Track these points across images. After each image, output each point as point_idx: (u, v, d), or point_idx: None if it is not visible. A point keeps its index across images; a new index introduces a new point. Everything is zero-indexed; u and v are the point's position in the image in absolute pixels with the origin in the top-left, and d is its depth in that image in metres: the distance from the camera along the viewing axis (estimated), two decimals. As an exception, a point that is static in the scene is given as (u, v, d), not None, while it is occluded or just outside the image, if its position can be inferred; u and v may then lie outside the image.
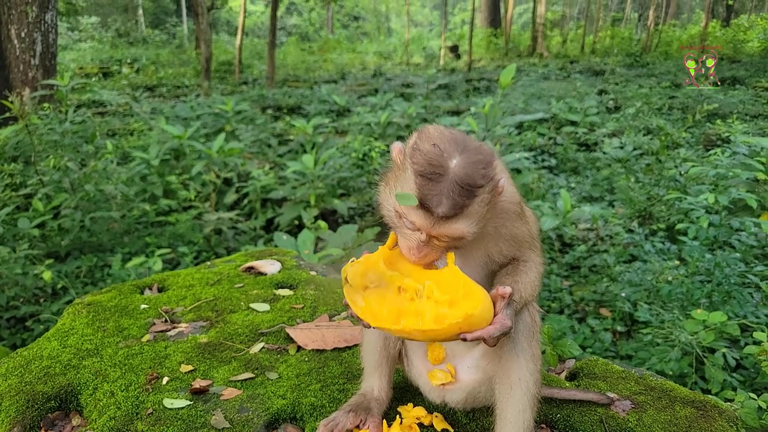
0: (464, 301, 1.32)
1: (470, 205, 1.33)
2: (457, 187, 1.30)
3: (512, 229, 1.55)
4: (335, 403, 1.82)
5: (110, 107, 13.87)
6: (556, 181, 8.36)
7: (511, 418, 1.51)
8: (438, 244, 1.41)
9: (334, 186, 8.10)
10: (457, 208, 1.31)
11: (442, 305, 1.33)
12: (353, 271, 1.42)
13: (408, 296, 1.38)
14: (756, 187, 6.04)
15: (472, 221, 1.35)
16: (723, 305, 4.22)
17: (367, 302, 1.39)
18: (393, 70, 25.31)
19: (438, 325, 1.30)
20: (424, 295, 1.37)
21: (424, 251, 1.41)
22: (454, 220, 1.33)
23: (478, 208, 1.35)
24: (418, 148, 1.36)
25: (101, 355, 2.09)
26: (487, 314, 1.33)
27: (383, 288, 1.40)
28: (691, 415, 1.74)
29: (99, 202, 6.21)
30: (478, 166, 1.34)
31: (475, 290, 1.35)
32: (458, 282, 1.36)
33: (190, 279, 2.75)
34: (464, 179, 1.31)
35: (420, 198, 1.32)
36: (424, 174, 1.32)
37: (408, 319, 1.34)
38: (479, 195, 1.33)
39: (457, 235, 1.36)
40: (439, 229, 1.35)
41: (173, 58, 26.83)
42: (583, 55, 27.07)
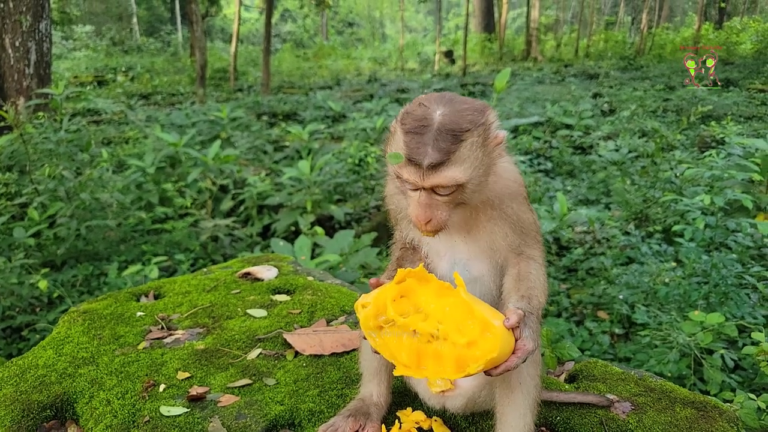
0: (483, 341, 1.28)
1: (457, 150, 1.33)
2: (441, 134, 1.32)
3: (518, 211, 1.54)
4: (333, 408, 1.80)
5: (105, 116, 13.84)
6: (552, 185, 8.37)
7: (512, 421, 1.50)
8: (440, 199, 1.39)
9: (331, 192, 8.09)
10: (443, 153, 1.32)
11: (461, 347, 1.29)
12: (365, 314, 1.39)
13: (424, 339, 1.34)
14: (751, 188, 6.06)
15: (464, 167, 1.34)
16: (720, 306, 4.22)
17: (383, 341, 1.37)
18: (388, 75, 25.37)
19: (461, 373, 1.28)
20: (440, 336, 1.33)
21: (428, 211, 1.39)
22: (443, 167, 1.33)
23: (469, 152, 1.35)
24: (407, 111, 1.40)
25: (97, 363, 2.07)
26: (507, 347, 1.29)
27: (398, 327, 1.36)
28: (691, 416, 1.73)
29: (95, 210, 6.18)
30: (464, 113, 1.36)
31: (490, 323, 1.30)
32: (472, 318, 1.31)
33: (187, 286, 2.74)
34: (448, 125, 1.33)
35: (408, 153, 1.34)
36: (410, 131, 1.35)
37: (429, 364, 1.32)
38: (467, 139, 1.34)
39: (450, 182, 1.35)
40: (431, 179, 1.34)
41: (168, 66, 26.84)
42: (577, 59, 27.19)
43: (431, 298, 1.39)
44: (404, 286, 1.41)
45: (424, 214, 1.39)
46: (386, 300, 1.39)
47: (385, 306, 1.38)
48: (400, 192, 1.48)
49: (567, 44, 31.80)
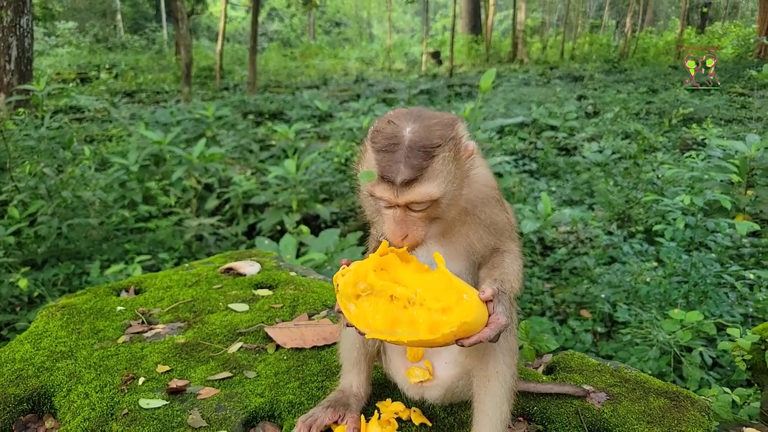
0: (458, 307, 1.30)
1: (429, 166, 1.34)
2: (413, 151, 1.33)
3: (492, 215, 1.56)
4: (314, 400, 1.81)
5: (88, 113, 13.69)
6: (537, 185, 8.44)
7: (489, 410, 1.52)
8: (415, 215, 1.40)
9: (317, 191, 8.08)
10: (415, 170, 1.33)
11: (436, 312, 1.31)
12: (344, 281, 1.40)
13: (401, 304, 1.35)
14: (730, 189, 6.16)
15: (437, 182, 1.36)
16: (699, 305, 4.29)
17: (359, 310, 1.37)
18: (375, 75, 25.39)
19: (433, 335, 1.28)
20: (416, 302, 1.34)
21: (404, 228, 1.40)
22: (416, 184, 1.34)
23: (442, 167, 1.36)
24: (376, 129, 1.41)
25: (76, 357, 2.06)
26: (481, 318, 1.32)
27: (375, 296, 1.37)
28: (664, 406, 1.77)
29: (77, 208, 6.11)
30: (434, 129, 1.37)
31: (468, 292, 1.33)
32: (450, 287, 1.34)
33: (168, 281, 2.73)
34: (418, 142, 1.34)
35: (380, 171, 1.35)
36: (381, 149, 1.36)
37: (403, 327, 1.32)
38: (438, 154, 1.35)
39: (424, 197, 1.36)
40: (406, 196, 1.35)
41: (153, 64, 26.61)
42: (562, 61, 27.43)
43: (411, 273, 1.40)
44: (385, 260, 1.42)
45: (399, 231, 1.41)
46: (367, 269, 1.39)
47: (366, 274, 1.38)
48: (373, 209, 1.49)
49: (553, 47, 32.08)
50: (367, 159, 1.42)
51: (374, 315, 1.35)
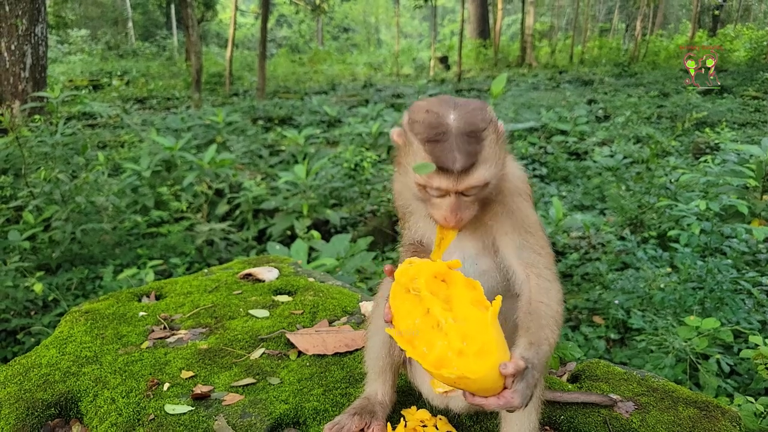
0: (473, 358, 1.22)
1: (482, 150, 1.37)
2: (464, 137, 1.35)
3: (523, 209, 1.55)
4: (338, 407, 1.81)
5: (101, 119, 13.81)
6: (548, 190, 8.42)
7: (517, 420, 1.50)
8: (467, 199, 1.42)
9: (326, 196, 8.10)
10: (472, 156, 1.35)
11: (452, 350, 1.24)
12: (403, 270, 1.39)
13: (431, 323, 1.31)
14: (746, 194, 6.12)
15: (489, 164, 1.39)
16: (716, 312, 4.24)
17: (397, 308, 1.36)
18: (383, 81, 25.44)
19: (435, 370, 1.24)
20: (443, 329, 1.28)
21: (458, 213, 1.41)
22: (474, 170, 1.36)
23: (490, 150, 1.39)
24: (415, 120, 1.41)
25: (101, 362, 2.07)
26: (491, 383, 1.22)
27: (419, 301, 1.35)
28: (694, 416, 1.75)
29: (90, 214, 6.16)
30: (475, 113, 1.39)
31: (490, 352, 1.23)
32: (481, 335, 1.25)
33: (188, 286, 2.74)
34: (468, 128, 1.36)
35: (436, 161, 1.35)
36: (430, 139, 1.36)
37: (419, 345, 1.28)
38: (486, 137, 1.38)
39: (481, 182, 1.38)
40: (465, 183, 1.37)
41: (163, 71, 26.81)
42: (571, 65, 27.37)
43: (465, 299, 1.34)
44: (450, 274, 1.40)
45: (454, 216, 1.41)
46: (429, 271, 1.37)
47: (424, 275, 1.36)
48: (419, 200, 1.49)
49: (562, 51, 32.01)
50: (415, 151, 1.41)
51: (405, 318, 1.33)
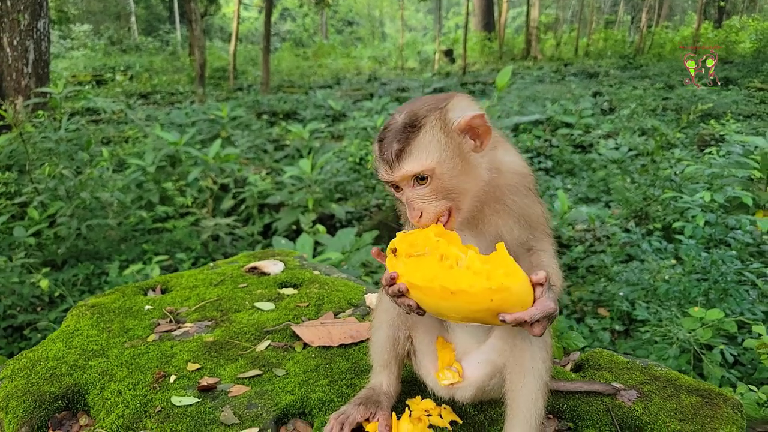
0: (503, 277, 1.27)
1: (416, 137, 1.40)
2: (401, 129, 1.41)
3: (522, 205, 1.55)
4: (343, 398, 1.82)
5: (104, 115, 13.82)
6: (553, 183, 8.40)
7: (523, 406, 1.51)
8: (422, 192, 1.43)
9: (332, 190, 8.11)
10: (401, 143, 1.39)
11: (480, 276, 1.28)
12: (401, 238, 1.42)
13: (448, 264, 1.33)
14: (751, 186, 6.09)
15: (426, 151, 1.40)
16: (720, 303, 4.24)
17: (406, 268, 1.37)
18: (388, 74, 25.39)
19: (469, 288, 1.25)
20: (464, 264, 1.32)
21: (417, 206, 1.43)
22: (405, 156, 1.40)
23: (430, 137, 1.40)
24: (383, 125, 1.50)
25: (107, 356, 2.09)
26: (525, 296, 1.28)
27: (426, 256, 1.37)
28: (696, 403, 1.76)
29: (95, 209, 6.18)
30: (423, 106, 1.44)
31: (516, 271, 1.30)
32: (503, 261, 1.31)
33: (194, 280, 2.76)
34: (405, 119, 1.42)
35: (377, 155, 1.44)
36: (379, 138, 1.45)
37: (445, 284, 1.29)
38: (424, 125, 1.41)
39: (417, 168, 1.39)
40: (399, 172, 1.41)
41: (167, 65, 26.82)
42: (576, 58, 27.23)
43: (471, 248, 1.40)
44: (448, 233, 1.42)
45: (414, 211, 1.44)
46: (429, 233, 1.40)
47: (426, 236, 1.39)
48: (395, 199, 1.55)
49: (567, 43, 31.83)
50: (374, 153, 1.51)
51: (417, 270, 1.34)
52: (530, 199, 1.57)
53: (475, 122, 1.43)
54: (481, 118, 1.43)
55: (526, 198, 1.56)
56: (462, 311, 1.32)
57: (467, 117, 1.43)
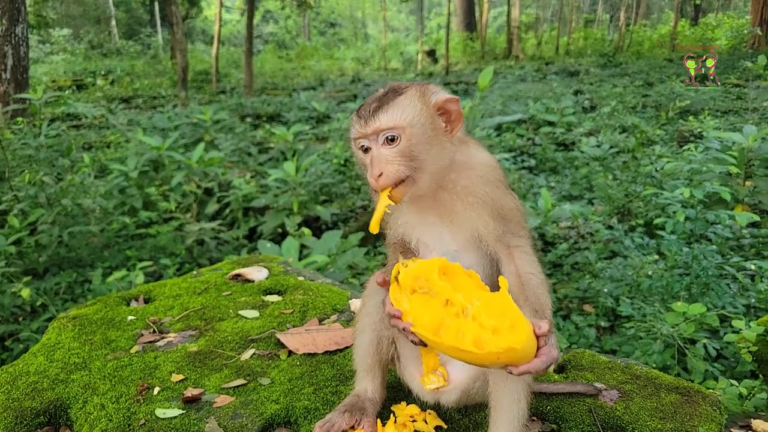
0: (509, 333, 1.27)
1: (393, 99, 1.50)
2: (383, 94, 1.52)
3: (495, 198, 1.57)
4: (329, 405, 1.82)
5: (85, 120, 13.67)
6: (536, 181, 8.46)
7: (507, 407, 1.52)
8: (388, 152, 1.48)
9: (317, 192, 8.09)
10: (380, 102, 1.50)
11: (486, 330, 1.29)
12: (405, 272, 1.41)
13: (454, 311, 1.34)
14: (729, 181, 6.19)
15: (401, 112, 1.48)
16: (702, 297, 4.31)
17: (411, 305, 1.37)
18: (371, 75, 25.40)
19: (478, 349, 1.27)
20: (470, 314, 1.33)
21: (379, 166, 1.47)
22: (381, 112, 1.48)
23: (407, 102, 1.50)
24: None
25: (90, 368, 2.07)
26: (530, 349, 1.29)
27: (431, 296, 1.37)
28: (676, 401, 1.79)
29: (77, 216, 6.11)
30: (403, 83, 1.56)
31: (521, 323, 1.30)
32: (507, 311, 1.31)
33: (177, 289, 2.74)
34: (388, 88, 1.54)
35: (355, 114, 1.53)
36: (361, 105, 1.55)
37: (448, 333, 1.31)
38: (404, 93, 1.51)
39: (389, 123, 1.47)
40: (374, 124, 1.48)
41: (149, 69, 26.57)
42: (557, 57, 27.45)
43: (472, 287, 1.41)
44: (450, 266, 1.43)
45: (375, 169, 1.48)
46: (432, 268, 1.40)
47: (430, 272, 1.39)
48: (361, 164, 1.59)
49: (547, 42, 32.09)
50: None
51: (424, 314, 1.35)
52: (502, 191, 1.59)
53: (450, 105, 1.53)
54: (456, 102, 1.54)
55: (498, 189, 1.58)
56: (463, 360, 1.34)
57: (444, 96, 1.54)
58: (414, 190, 1.50)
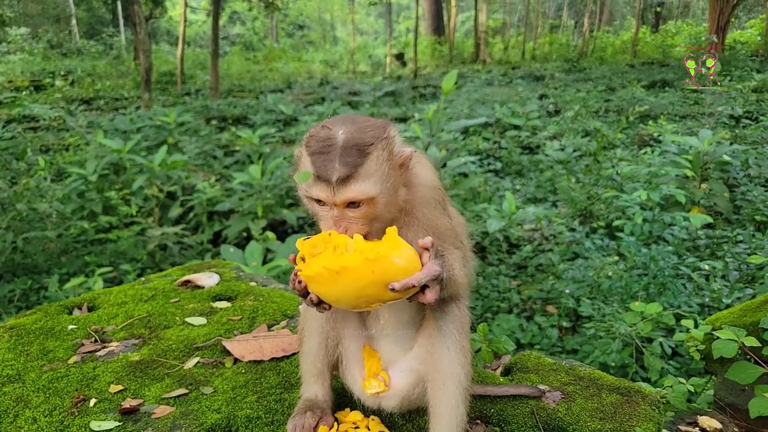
0: (384, 249, 1.34)
1: (364, 164, 1.39)
2: (346, 150, 1.38)
3: (431, 218, 1.56)
4: (271, 413, 1.78)
5: (43, 122, 13.28)
6: (502, 184, 8.53)
7: (445, 413, 1.52)
8: (353, 215, 1.43)
9: (283, 196, 8.00)
10: (350, 167, 1.37)
11: (363, 253, 1.33)
12: (302, 243, 1.44)
13: (339, 252, 1.38)
14: (685, 183, 6.35)
15: (373, 180, 1.40)
16: (659, 296, 4.40)
17: (306, 266, 1.40)
18: (339, 78, 25.35)
19: (349, 263, 1.31)
20: (352, 249, 1.37)
21: (342, 227, 1.43)
22: (352, 182, 1.38)
23: (376, 166, 1.40)
24: (311, 135, 1.45)
25: (23, 381, 1.98)
26: (411, 264, 1.35)
27: (324, 252, 1.41)
28: (616, 402, 1.81)
29: (32, 221, 5.94)
30: (366, 130, 1.42)
31: (400, 244, 1.37)
32: (390, 239, 1.38)
33: (123, 296, 2.66)
34: (351, 141, 1.39)
35: (316, 171, 1.39)
36: (316, 152, 1.40)
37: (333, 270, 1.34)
38: (371, 152, 1.40)
39: (361, 195, 1.39)
40: (342, 195, 1.39)
41: (111, 70, 25.99)
42: (524, 61, 27.86)
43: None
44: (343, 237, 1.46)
45: (340, 229, 1.43)
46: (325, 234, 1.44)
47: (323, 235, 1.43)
48: (313, 213, 1.53)
49: (514, 47, 32.55)
50: (303, 163, 1.46)
51: (317, 264, 1.37)
52: (438, 212, 1.59)
53: (409, 158, 1.49)
54: (412, 154, 1.50)
55: (434, 210, 1.58)
56: (352, 291, 1.35)
57: (407, 153, 1.48)
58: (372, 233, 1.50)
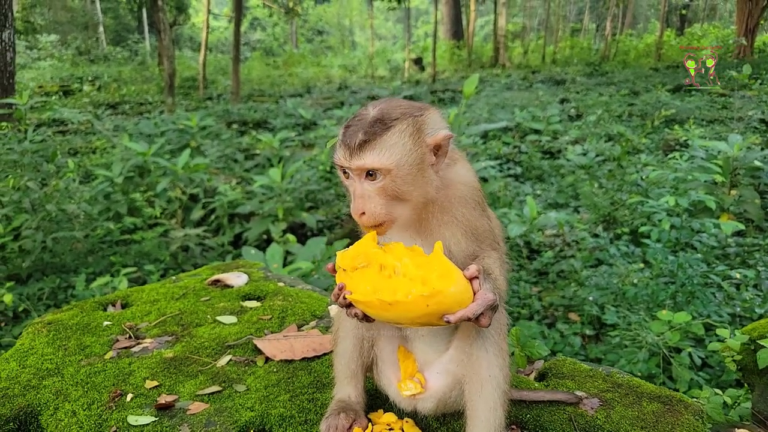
0: (437, 280, 1.31)
1: (383, 134, 1.41)
2: (372, 122, 1.42)
3: (471, 218, 1.55)
4: (304, 413, 1.79)
5: (71, 125, 13.54)
6: (522, 189, 8.47)
7: (483, 416, 1.50)
8: (371, 188, 1.44)
9: (302, 199, 8.05)
10: (368, 136, 1.40)
11: (416, 282, 1.32)
12: (343, 255, 1.44)
13: (386, 274, 1.37)
14: (714, 189, 6.23)
15: (390, 151, 1.41)
16: (687, 305, 4.31)
17: (351, 281, 1.40)
18: (358, 83, 25.44)
19: (405, 297, 1.29)
20: (400, 272, 1.36)
21: (362, 202, 1.43)
22: (368, 148, 1.40)
23: (397, 139, 1.42)
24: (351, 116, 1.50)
25: (62, 375, 2.02)
26: (463, 294, 1.32)
27: (368, 268, 1.40)
28: (657, 410, 1.77)
29: (61, 222, 6.05)
30: (398, 107, 1.46)
31: (451, 271, 1.34)
32: (436, 264, 1.35)
33: (155, 294, 2.69)
34: (378, 114, 1.43)
35: (341, 139, 1.44)
36: (347, 125, 1.45)
37: (382, 294, 1.33)
38: (395, 126, 1.42)
39: (375, 163, 1.40)
40: (357, 161, 1.41)
41: (136, 75, 26.45)
42: (544, 65, 27.68)
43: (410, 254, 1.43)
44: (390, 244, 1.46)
45: (358, 205, 1.44)
46: (369, 242, 1.44)
47: (365, 245, 1.43)
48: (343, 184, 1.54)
49: (534, 51, 32.37)
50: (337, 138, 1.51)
51: (361, 282, 1.37)
52: (478, 212, 1.58)
53: (444, 142, 1.47)
54: (449, 139, 1.48)
55: (474, 210, 1.57)
56: (405, 319, 1.36)
57: (441, 134, 1.46)
58: (397, 224, 1.50)
